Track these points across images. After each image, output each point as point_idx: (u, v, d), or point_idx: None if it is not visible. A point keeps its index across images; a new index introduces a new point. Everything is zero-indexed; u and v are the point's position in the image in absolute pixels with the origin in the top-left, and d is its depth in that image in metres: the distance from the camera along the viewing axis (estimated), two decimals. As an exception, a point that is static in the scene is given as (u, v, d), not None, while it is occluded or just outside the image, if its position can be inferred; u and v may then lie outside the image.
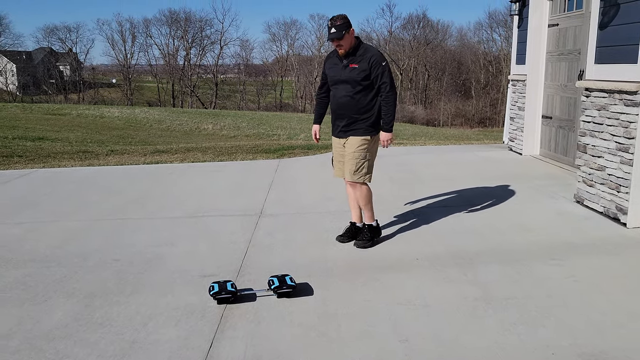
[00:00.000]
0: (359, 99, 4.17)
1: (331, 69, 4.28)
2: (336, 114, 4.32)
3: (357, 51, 4.14)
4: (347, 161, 4.27)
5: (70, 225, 5.10)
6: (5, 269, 3.99)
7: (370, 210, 4.44)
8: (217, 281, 3.52)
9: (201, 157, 9.03)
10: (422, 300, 3.40)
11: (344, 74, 4.17)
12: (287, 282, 3.51)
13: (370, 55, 4.12)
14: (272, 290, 3.49)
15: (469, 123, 59.70)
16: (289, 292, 3.47)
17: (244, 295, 3.51)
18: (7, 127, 20.12)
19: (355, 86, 4.14)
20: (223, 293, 3.38)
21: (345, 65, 4.16)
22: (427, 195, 6.01)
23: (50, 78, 71.79)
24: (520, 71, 8.61)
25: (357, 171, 4.26)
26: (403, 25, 71.72)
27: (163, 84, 71.84)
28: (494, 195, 6.01)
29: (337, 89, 4.25)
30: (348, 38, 4.05)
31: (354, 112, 4.20)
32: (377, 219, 4.52)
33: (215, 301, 3.40)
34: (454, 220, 5.08)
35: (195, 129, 28.68)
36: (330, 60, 4.32)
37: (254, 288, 3.60)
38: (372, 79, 4.13)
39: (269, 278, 3.62)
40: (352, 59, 4.13)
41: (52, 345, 2.91)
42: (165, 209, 5.67)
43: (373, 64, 4.10)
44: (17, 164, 8.49)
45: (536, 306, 3.30)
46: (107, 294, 3.55)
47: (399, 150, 9.68)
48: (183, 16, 72.42)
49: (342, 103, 4.22)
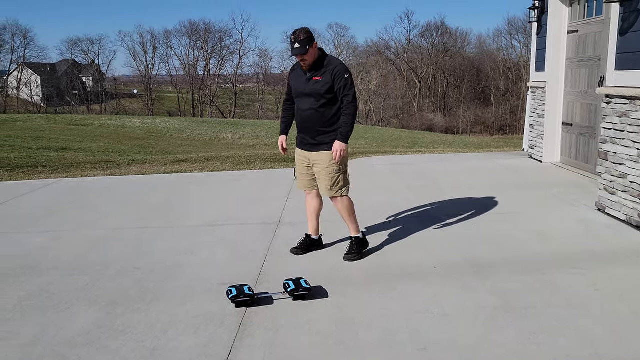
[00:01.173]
0: (324, 112, 4.11)
1: (295, 82, 4.22)
2: (301, 127, 4.24)
3: (321, 63, 4.08)
4: (322, 177, 4.22)
5: (92, 234, 5.19)
6: (29, 277, 4.08)
7: (354, 222, 4.38)
8: (234, 285, 3.61)
9: (220, 166, 9.11)
10: (440, 308, 3.39)
11: (307, 87, 4.10)
12: (302, 285, 3.59)
13: (333, 67, 4.06)
14: (288, 293, 3.57)
15: (489, 130, 59.22)
16: (305, 294, 3.55)
17: (261, 298, 3.58)
18: (32, 137, 20.53)
19: (319, 99, 4.08)
20: (242, 296, 3.46)
21: (309, 77, 4.09)
22: (446, 204, 5.99)
23: (73, 89, 73.08)
24: (539, 78, 8.54)
25: (333, 186, 4.23)
26: (421, 33, 71.58)
27: (183, 94, 72.63)
28: (513, 203, 5.96)
29: (301, 102, 4.18)
30: (312, 52, 4.00)
31: (319, 126, 4.14)
32: (363, 231, 4.48)
33: (234, 304, 3.46)
34: (472, 228, 5.05)
35: (214, 139, 28.94)
36: (294, 72, 4.25)
37: (270, 292, 3.66)
38: (335, 91, 4.07)
39: (284, 281, 3.69)
40: (315, 72, 4.07)
41: (75, 352, 2.97)
42: (185, 217, 5.74)
43: (336, 75, 4.04)
44: (41, 173, 8.65)
45: (556, 315, 3.27)
46: (128, 302, 3.60)
47: (418, 159, 9.67)
48: (203, 27, 73.23)
49: (306, 116, 4.16)
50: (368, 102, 66.61)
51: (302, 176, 4.39)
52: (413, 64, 69.00)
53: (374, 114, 65.94)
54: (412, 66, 68.72)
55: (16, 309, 3.53)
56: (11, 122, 31.40)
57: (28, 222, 5.68)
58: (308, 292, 3.57)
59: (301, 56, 3.99)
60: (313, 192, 4.42)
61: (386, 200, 6.20)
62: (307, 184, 4.39)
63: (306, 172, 4.35)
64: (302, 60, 4.03)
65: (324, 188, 4.25)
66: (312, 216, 4.48)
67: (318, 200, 4.45)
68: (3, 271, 4.20)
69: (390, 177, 7.78)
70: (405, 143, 26.04)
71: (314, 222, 4.50)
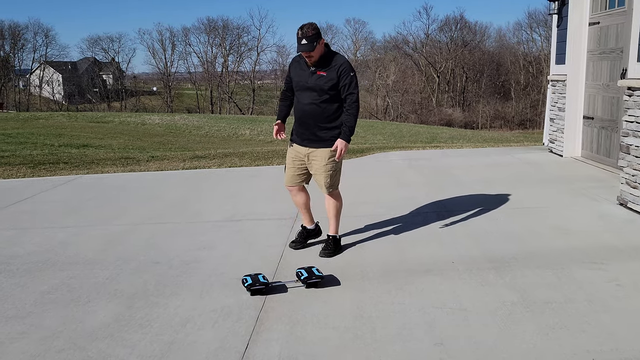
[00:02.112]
0: (325, 107, 4.08)
1: (298, 74, 4.16)
2: (300, 121, 4.21)
3: (326, 59, 4.05)
4: (320, 174, 4.20)
5: (112, 229, 5.26)
6: (51, 271, 4.15)
7: (337, 222, 4.39)
8: (249, 274, 3.72)
9: (238, 162, 9.16)
10: (458, 303, 3.37)
11: (310, 81, 4.07)
12: (315, 273, 3.69)
13: (339, 64, 4.02)
14: (301, 281, 3.66)
15: (509, 125, 58.62)
16: (318, 282, 3.64)
17: (275, 286, 3.68)
18: (54, 135, 20.84)
19: (321, 94, 4.04)
20: (257, 284, 3.56)
21: (312, 72, 4.05)
22: (464, 199, 5.94)
23: (94, 87, 74.06)
24: (560, 71, 8.42)
25: (332, 184, 4.24)
26: (440, 27, 71.00)
27: (202, 91, 73.13)
28: (533, 198, 5.89)
29: (303, 96, 4.14)
30: (319, 49, 3.96)
31: (319, 121, 4.11)
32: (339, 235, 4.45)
33: (249, 292, 3.57)
34: (491, 223, 5.01)
35: (232, 135, 29.08)
36: (296, 64, 4.19)
37: (284, 280, 3.75)
38: (339, 88, 4.04)
39: (296, 270, 3.78)
40: (321, 67, 4.04)
41: (95, 345, 3.01)
42: (204, 213, 5.78)
43: (342, 73, 4.01)
44: (62, 170, 8.78)
45: (576, 311, 3.23)
46: (147, 296, 3.64)
47: (436, 154, 9.60)
48: (221, 24, 73.60)
49: (307, 110, 4.12)
50: (386, 98, 66.33)
51: (291, 170, 4.34)
52: (431, 58, 68.52)
53: (392, 109, 65.63)
54: (431, 61, 68.25)
55: (38, 302, 3.59)
56: (34, 119, 31.92)
57: (50, 217, 5.77)
58: (321, 280, 3.65)
59: (308, 53, 3.95)
60: (295, 188, 4.40)
61: (404, 195, 6.17)
62: (294, 179, 4.36)
63: (296, 167, 4.32)
64: (308, 56, 3.99)
65: (322, 185, 4.24)
66: (303, 209, 4.48)
67: (304, 193, 4.44)
68: (26, 266, 4.28)
69: (409, 172, 7.75)
70: (423, 138, 25.89)
71: (307, 214, 4.50)
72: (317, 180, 4.27)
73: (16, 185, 7.56)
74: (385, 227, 4.98)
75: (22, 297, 3.68)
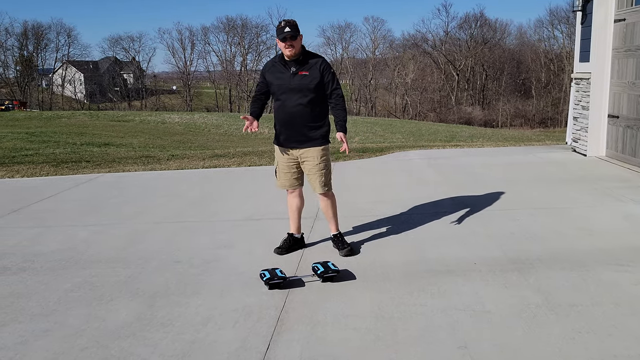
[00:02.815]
0: (312, 107, 4.07)
1: (278, 78, 4.10)
2: (287, 124, 4.14)
3: (305, 58, 4.05)
4: (314, 174, 4.19)
5: (133, 228, 5.30)
6: (74, 270, 4.19)
7: (337, 219, 4.41)
8: (266, 269, 3.82)
9: (257, 161, 9.17)
10: (481, 305, 3.33)
11: (293, 82, 4.03)
12: (330, 268, 3.78)
13: (319, 62, 4.06)
14: (318, 275, 3.75)
15: (530, 123, 57.98)
16: (334, 276, 3.73)
17: (292, 280, 3.77)
18: (76, 133, 21.13)
19: (307, 94, 4.03)
20: (275, 279, 3.66)
21: (294, 72, 4.03)
22: (486, 198, 5.87)
23: (115, 86, 74.94)
24: (584, 69, 8.28)
25: (326, 183, 4.24)
26: (459, 25, 70.44)
27: (221, 90, 73.57)
28: (556, 198, 5.80)
29: (287, 98, 4.08)
30: (299, 40, 3.99)
31: (308, 121, 4.10)
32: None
33: (267, 287, 3.65)
34: (513, 223, 4.94)
35: (252, 134, 29.15)
36: (273, 68, 4.14)
37: (300, 275, 3.87)
38: (324, 84, 4.06)
39: (312, 264, 3.88)
40: (301, 67, 4.03)
41: (117, 344, 3.03)
42: (224, 211, 5.80)
43: (324, 70, 4.05)
44: (84, 168, 8.89)
45: (603, 314, 3.16)
46: (168, 295, 3.66)
47: (456, 152, 9.52)
48: (240, 23, 73.97)
49: (294, 112, 4.08)
50: (405, 96, 66.05)
51: (287, 175, 4.32)
52: (451, 56, 68.02)
53: (411, 107, 65.33)
54: (450, 59, 67.76)
55: (61, 300, 3.63)
56: (56, 118, 32.40)
57: (73, 215, 5.84)
58: (336, 274, 3.73)
59: (291, 41, 3.93)
60: (296, 191, 4.39)
61: (425, 195, 6.11)
62: (292, 182, 4.35)
63: (291, 170, 4.31)
64: (289, 45, 3.94)
65: (317, 185, 4.23)
66: (294, 214, 4.45)
67: (301, 199, 4.44)
68: (50, 264, 4.33)
69: (428, 171, 7.68)
70: (442, 137, 25.70)
71: (296, 221, 4.46)
72: (311, 180, 4.26)
73: (40, 184, 7.67)
74: (406, 226, 4.94)
75: (46, 294, 3.72)
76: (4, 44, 72.25)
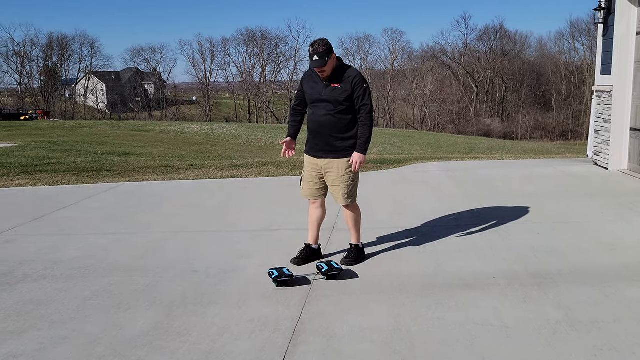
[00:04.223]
0: (340, 118, 4.09)
1: (311, 88, 4.19)
2: (316, 132, 4.22)
3: (339, 72, 4.08)
4: (337, 185, 4.20)
5: (152, 237, 5.34)
6: (93, 278, 4.23)
7: (358, 231, 4.39)
8: (274, 268, 4.03)
9: (276, 171, 9.20)
10: (499, 320, 3.28)
11: (325, 93, 4.09)
12: (334, 267, 4.01)
13: (353, 76, 4.07)
14: (322, 273, 3.98)
15: (550, 136, 57.41)
16: (337, 274, 3.97)
17: (299, 278, 4.00)
18: (97, 143, 21.43)
19: (336, 106, 4.07)
20: (283, 277, 3.88)
21: (326, 84, 4.09)
22: (505, 211, 5.80)
23: (136, 96, 76.03)
24: (605, 82, 8.18)
25: (349, 195, 4.23)
26: (479, 37, 70.22)
27: (240, 100, 74.13)
28: (577, 212, 5.72)
29: (318, 108, 4.16)
30: (330, 63, 4.01)
31: (335, 132, 4.12)
32: (362, 242, 4.45)
33: (275, 284, 3.90)
34: (533, 237, 4.87)
35: (270, 144, 29.33)
36: (309, 78, 4.24)
37: (306, 274, 4.10)
38: (353, 99, 4.06)
39: (317, 264, 4.11)
40: (334, 79, 4.07)
41: (134, 353, 3.04)
42: (241, 222, 5.82)
43: (356, 84, 4.05)
44: (105, 177, 9.00)
45: (625, 331, 3.09)
46: (185, 305, 3.67)
47: (475, 164, 9.45)
48: (259, 34, 74.67)
49: (322, 122, 4.13)
50: (423, 108, 65.87)
51: (310, 184, 4.34)
52: (470, 68, 67.79)
53: (429, 119, 65.12)
54: (469, 70, 67.51)
55: (80, 308, 3.66)
56: (78, 128, 32.91)
57: (92, 224, 5.91)
58: (340, 272, 3.97)
59: (320, 68, 4.01)
60: (318, 201, 4.39)
61: (443, 207, 6.07)
62: (314, 193, 4.35)
63: (315, 180, 4.32)
64: (321, 71, 4.05)
65: (340, 196, 4.24)
66: (314, 225, 4.44)
67: (322, 210, 4.43)
68: (69, 272, 4.38)
69: (447, 183, 7.63)
70: (461, 149, 25.53)
71: (315, 232, 4.45)
72: (334, 192, 4.27)
73: (61, 192, 7.78)
74: (424, 239, 4.90)
75: (65, 302, 3.76)
76: (29, 55, 73.85)
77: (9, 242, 5.28)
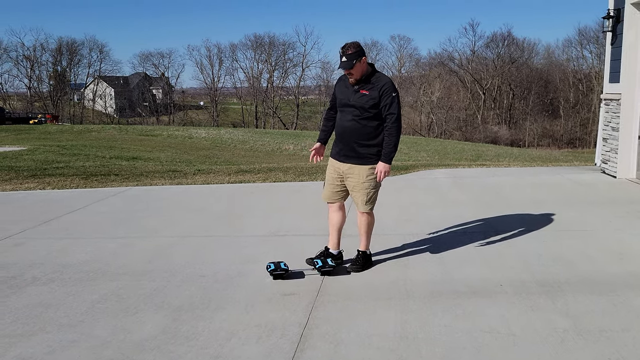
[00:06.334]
0: (365, 124, 4.09)
1: (341, 92, 4.21)
2: (340, 137, 4.24)
3: (369, 78, 4.08)
4: (358, 191, 4.20)
5: (160, 241, 5.37)
6: (102, 281, 4.26)
7: (368, 239, 4.39)
8: (272, 262, 4.25)
9: (282, 177, 9.22)
10: (506, 328, 3.27)
11: (352, 99, 4.10)
12: (328, 263, 4.22)
13: (382, 84, 4.05)
14: (317, 269, 4.20)
15: (557, 144, 57.21)
16: (330, 270, 4.19)
17: (295, 272, 4.24)
18: (105, 147, 21.56)
19: (362, 112, 4.07)
20: (279, 270, 4.11)
21: (355, 90, 4.10)
22: (513, 219, 5.80)
23: (144, 101, 76.42)
24: (614, 90, 8.17)
25: (369, 201, 4.23)
26: (486, 44, 70.19)
27: (247, 106, 74.35)
28: (585, 221, 5.70)
29: (344, 113, 4.18)
30: (359, 67, 4.00)
31: (359, 138, 4.12)
32: (370, 250, 4.45)
33: (272, 277, 4.12)
34: (541, 246, 4.86)
35: (277, 149, 29.39)
36: (341, 82, 4.26)
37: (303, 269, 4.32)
38: (380, 107, 4.06)
39: (313, 259, 4.32)
40: (364, 85, 4.07)
41: (142, 356, 3.06)
42: (249, 227, 5.84)
43: (384, 92, 4.03)
44: (113, 182, 9.05)
45: (634, 340, 3.08)
46: (193, 309, 3.69)
47: (483, 172, 9.43)
48: (267, 40, 74.93)
49: (347, 127, 4.15)
50: (430, 114, 65.81)
51: (331, 186, 4.36)
52: (477, 75, 67.74)
53: (436, 125, 65.03)
54: (477, 77, 67.46)
55: (89, 311, 3.68)
56: (87, 132, 33.12)
57: (101, 227, 5.94)
58: (333, 269, 4.20)
59: (347, 70, 4.02)
60: (336, 205, 4.40)
61: (450, 214, 6.07)
62: (333, 196, 4.36)
63: (336, 183, 4.33)
64: (348, 74, 4.06)
65: (360, 202, 4.24)
66: (334, 229, 4.43)
67: (341, 214, 4.43)
68: (79, 275, 4.41)
69: (454, 190, 7.63)
70: (468, 156, 25.50)
71: (335, 237, 4.44)
72: (354, 197, 4.28)
73: (70, 196, 7.83)
74: (431, 246, 4.90)
75: (73, 305, 3.79)
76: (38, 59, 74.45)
77: (18, 245, 5.33)
